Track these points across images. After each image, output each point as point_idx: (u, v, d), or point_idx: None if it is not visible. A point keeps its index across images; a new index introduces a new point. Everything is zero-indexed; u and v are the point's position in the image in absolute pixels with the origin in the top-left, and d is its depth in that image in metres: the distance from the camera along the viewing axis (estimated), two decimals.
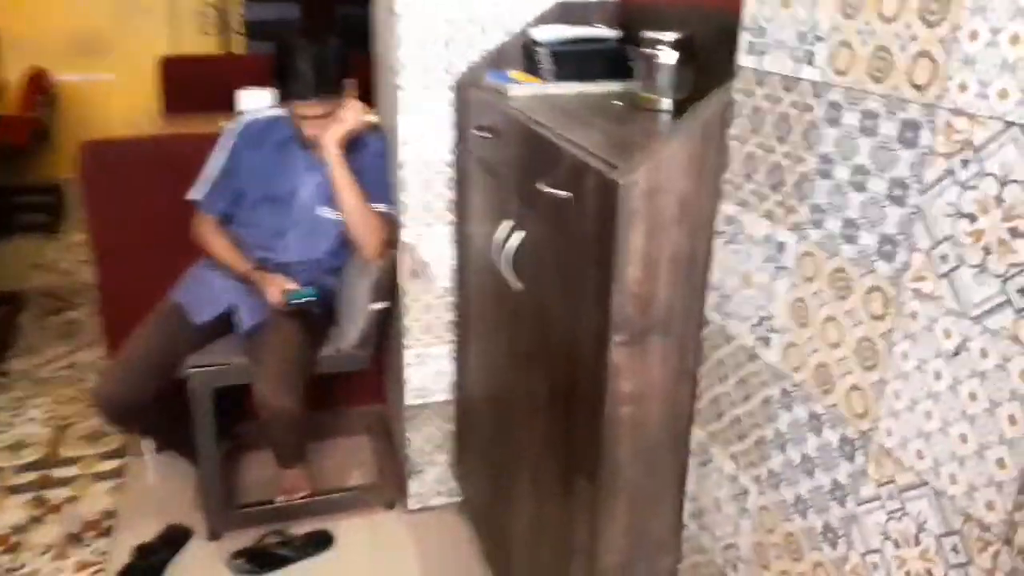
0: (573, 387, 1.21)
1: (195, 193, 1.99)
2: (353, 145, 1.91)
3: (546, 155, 1.27)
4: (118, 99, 4.75)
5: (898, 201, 0.78)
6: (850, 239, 0.84)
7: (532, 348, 1.42)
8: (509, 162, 1.50)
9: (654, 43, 1.39)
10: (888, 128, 0.78)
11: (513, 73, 1.70)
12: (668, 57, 1.38)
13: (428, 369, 2.01)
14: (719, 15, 1.39)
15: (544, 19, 1.78)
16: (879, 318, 0.80)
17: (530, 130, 1.36)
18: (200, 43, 4.52)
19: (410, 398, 2.02)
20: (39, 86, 4.23)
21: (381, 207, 1.94)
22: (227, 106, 2.91)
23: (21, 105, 4.11)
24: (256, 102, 2.88)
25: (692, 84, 1.37)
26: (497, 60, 1.78)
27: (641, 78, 1.44)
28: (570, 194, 1.17)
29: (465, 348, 1.92)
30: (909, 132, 0.76)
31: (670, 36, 1.38)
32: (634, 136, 1.27)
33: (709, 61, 1.34)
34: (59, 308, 3.33)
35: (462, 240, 1.86)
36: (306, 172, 1.96)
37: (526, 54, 1.73)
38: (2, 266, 3.70)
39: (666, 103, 1.39)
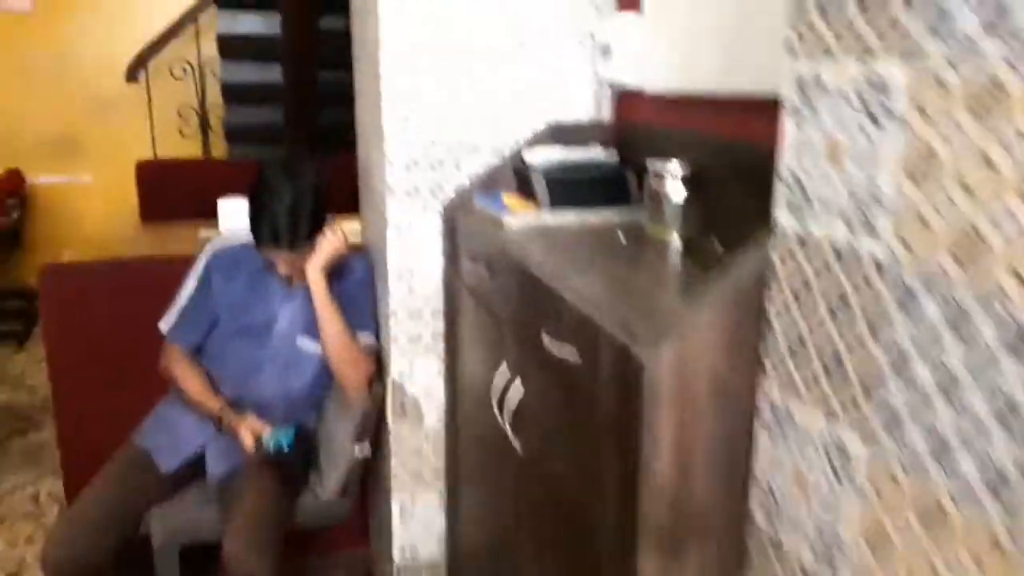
0: None
1: (164, 323, 1.83)
2: (335, 269, 1.77)
3: (548, 303, 1.12)
4: (95, 202, 4.64)
5: (1007, 425, 0.62)
6: (942, 460, 0.67)
7: (539, 524, 1.24)
8: (506, 299, 1.35)
9: (660, 174, 1.27)
10: (987, 329, 0.63)
11: (506, 197, 1.57)
12: (676, 191, 1.26)
13: (416, 523, 1.81)
14: (726, 143, 1.28)
15: (537, 140, 1.66)
16: None
17: (529, 272, 1.21)
18: (180, 146, 4.43)
19: (397, 555, 1.82)
20: (13, 187, 4.11)
21: (366, 337, 1.79)
22: (206, 213, 2.78)
23: None
24: (237, 214, 2.75)
25: (702, 219, 1.25)
26: (488, 182, 1.65)
27: (647, 209, 1.32)
28: (579, 360, 1.01)
29: (456, 501, 1.73)
30: (1017, 339, 0.61)
31: (677, 168, 1.26)
32: (648, 285, 1.12)
33: (720, 194, 1.21)
34: (24, 428, 3.12)
35: (454, 376, 1.70)
36: (284, 301, 1.82)
37: (519, 177, 1.61)
38: None
39: (675, 238, 1.26)
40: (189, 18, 4.19)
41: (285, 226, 1.65)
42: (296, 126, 4.05)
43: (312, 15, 3.90)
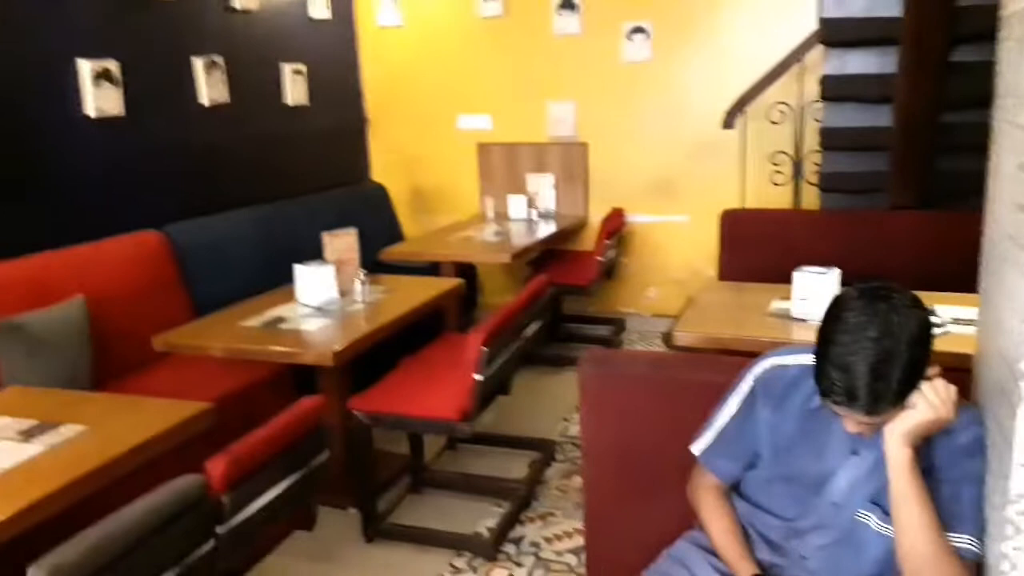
0: None
1: (697, 446, 1.57)
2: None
3: None
4: (684, 244, 4.75)
5: None
6: None
7: None
8: None
9: None
10: None
11: None
12: None
13: None
14: None
15: None
16: None
17: None
18: (770, 194, 4.21)
19: None
20: (615, 226, 4.42)
21: (962, 539, 1.24)
22: (787, 266, 2.48)
23: (597, 244, 4.33)
24: (811, 294, 2.37)
25: None
26: None
27: None
28: None
29: None
30: None
31: None
32: None
33: None
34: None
35: None
36: (847, 457, 1.38)
37: None
38: (547, 405, 3.82)
39: None
40: (793, 58, 3.92)
41: (865, 388, 1.20)
42: (903, 176, 3.45)
43: (940, 50, 3.24)
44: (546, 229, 4.48)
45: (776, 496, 1.46)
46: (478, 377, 2.38)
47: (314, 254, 3.04)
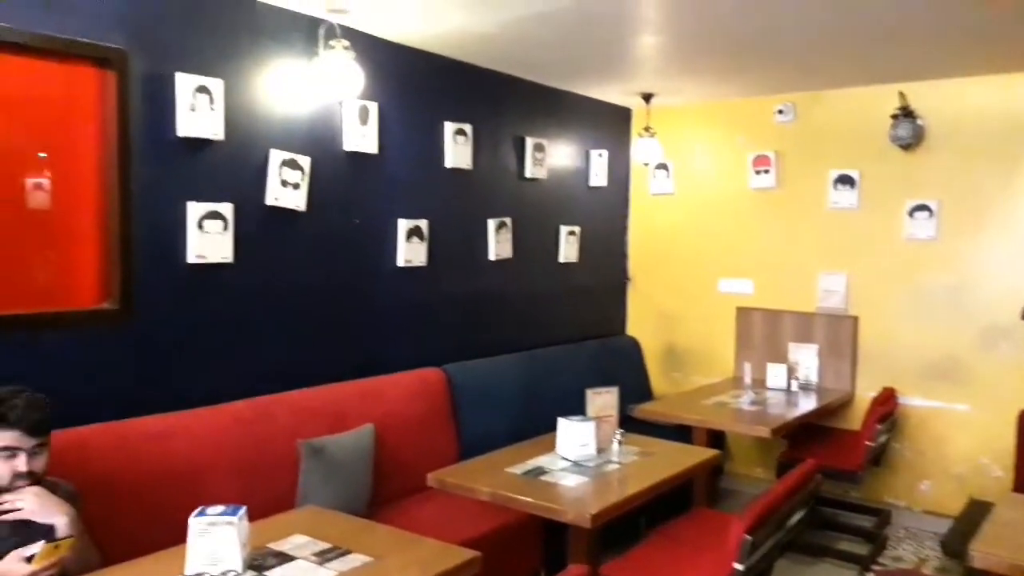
0: None
1: None
2: None
3: None
4: (965, 436, 4.30)
5: None
6: None
7: None
8: None
9: None
10: None
11: None
12: None
13: None
14: None
15: None
16: None
17: None
18: None
19: None
20: (887, 409, 4.12)
21: None
22: None
23: (866, 425, 4.05)
24: None
25: None
26: None
27: None
28: None
29: None
30: None
31: None
32: None
33: None
34: None
35: None
36: None
37: None
38: None
39: None
40: None
41: None
42: None
43: None
44: (807, 403, 4.28)
45: None
46: (739, 567, 2.29)
47: (568, 401, 3.17)
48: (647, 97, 4.83)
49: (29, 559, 1.90)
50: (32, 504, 2.03)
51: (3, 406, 2.01)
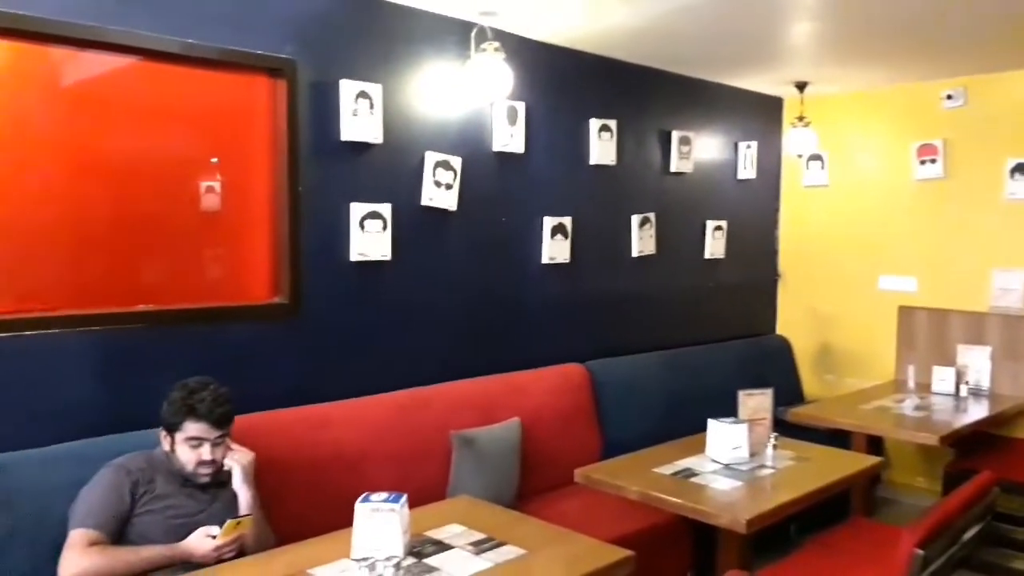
0: None
1: None
2: None
3: None
4: None
5: None
6: None
7: None
8: None
9: None
10: None
11: None
12: None
13: None
14: None
15: None
16: None
17: None
18: None
19: None
20: None
21: None
22: None
23: None
24: None
25: None
26: None
27: None
28: None
29: None
30: None
31: None
32: None
33: None
34: None
35: None
36: None
37: None
38: None
39: None
40: None
41: None
42: None
43: None
44: (978, 409, 3.97)
45: None
46: None
47: (714, 403, 3.10)
48: (801, 86, 4.63)
49: (214, 538, 2.07)
50: (245, 461, 2.21)
51: (193, 398, 2.19)
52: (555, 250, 3.78)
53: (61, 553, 2.03)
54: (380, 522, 1.99)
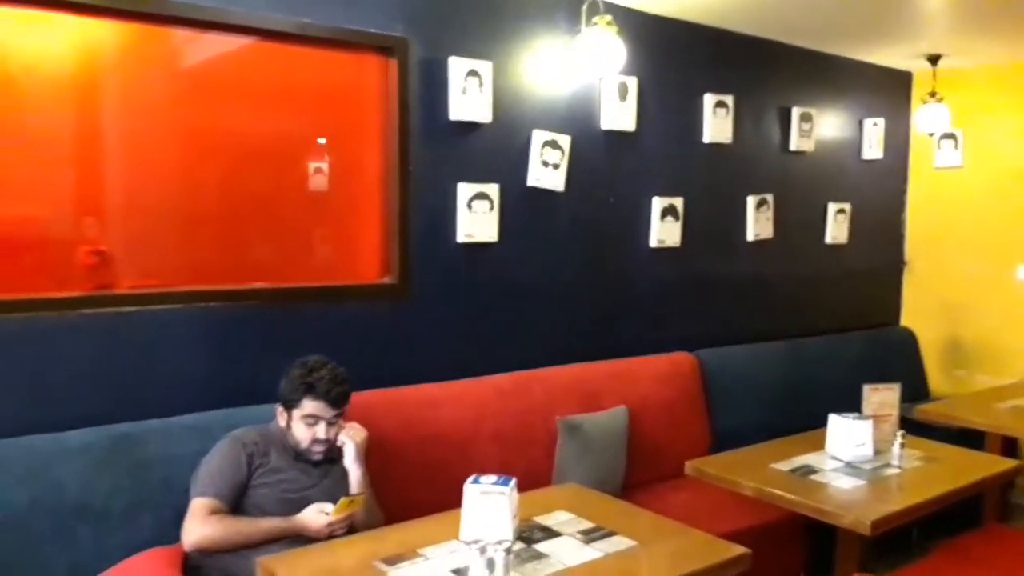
0: None
1: None
2: None
3: None
4: None
5: None
6: None
7: None
8: None
9: None
10: None
11: None
12: None
13: None
14: None
15: None
16: None
17: None
18: None
19: None
20: None
21: None
22: None
23: None
24: None
25: None
26: None
27: None
28: None
29: None
30: None
31: None
32: None
33: None
34: None
35: None
36: None
37: None
38: None
39: None
40: None
41: None
42: None
43: None
44: None
45: None
46: None
47: (832, 397, 2.93)
48: (933, 59, 4.30)
49: (327, 514, 2.09)
50: (358, 439, 2.24)
51: (312, 376, 2.21)
52: (665, 233, 3.65)
53: (184, 520, 2.09)
54: (490, 505, 1.95)
